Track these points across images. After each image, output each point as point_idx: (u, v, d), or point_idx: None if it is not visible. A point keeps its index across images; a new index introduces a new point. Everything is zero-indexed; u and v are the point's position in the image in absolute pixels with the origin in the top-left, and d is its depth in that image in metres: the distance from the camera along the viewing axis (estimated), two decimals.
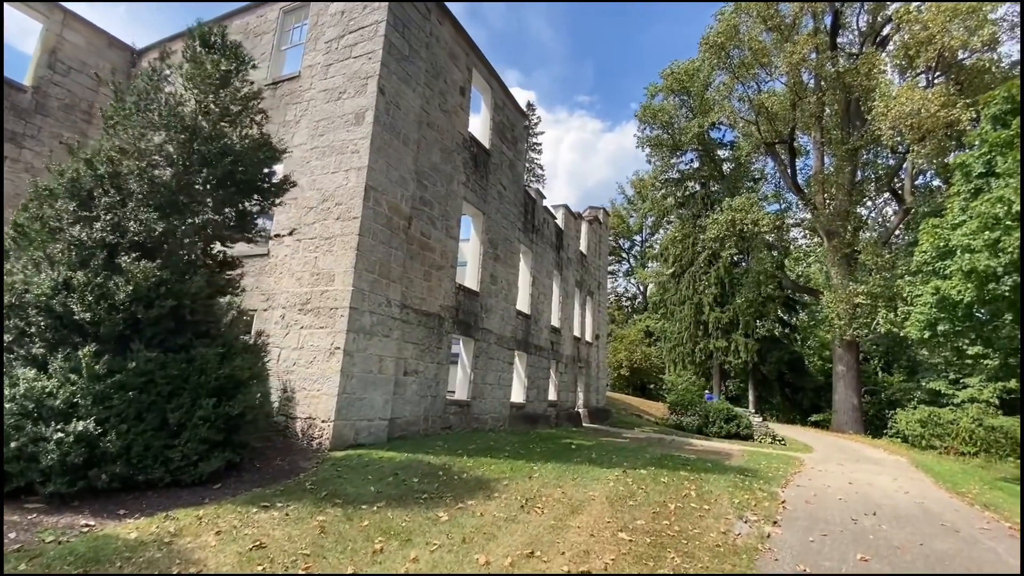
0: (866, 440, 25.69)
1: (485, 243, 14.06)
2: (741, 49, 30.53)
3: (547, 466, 8.82)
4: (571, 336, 20.94)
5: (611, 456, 10.95)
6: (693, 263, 39.86)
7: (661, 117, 33.42)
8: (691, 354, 38.98)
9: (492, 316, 14.25)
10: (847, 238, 30.06)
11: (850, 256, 30.48)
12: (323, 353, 8.88)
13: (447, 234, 12.18)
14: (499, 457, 9.19)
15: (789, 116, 30.76)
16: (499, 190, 14.87)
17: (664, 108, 34.20)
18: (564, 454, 10.50)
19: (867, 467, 14.83)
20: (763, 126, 32.01)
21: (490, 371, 14.03)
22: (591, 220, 25.31)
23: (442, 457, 8.52)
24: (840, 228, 30.24)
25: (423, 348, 11.12)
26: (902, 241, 35.66)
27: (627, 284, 59.63)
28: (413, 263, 10.93)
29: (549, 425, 17.67)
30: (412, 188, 10.85)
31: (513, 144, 16.01)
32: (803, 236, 40.36)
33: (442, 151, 12.13)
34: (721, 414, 23.56)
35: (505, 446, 10.62)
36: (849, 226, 30.45)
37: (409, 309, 10.71)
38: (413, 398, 10.75)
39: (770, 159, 37.23)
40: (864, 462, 16.31)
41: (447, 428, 11.96)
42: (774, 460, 14.32)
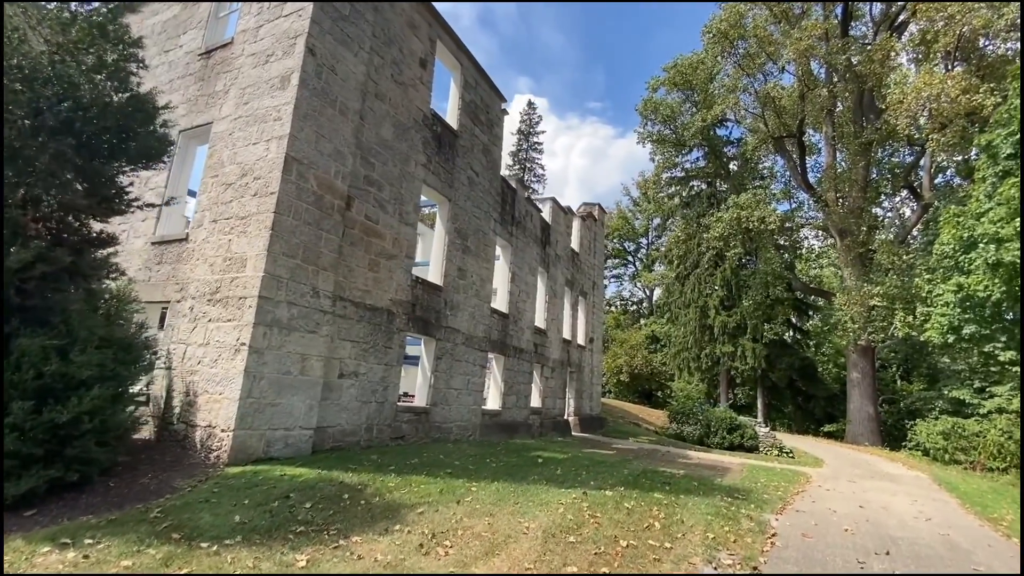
0: (883, 453, 23.78)
1: (451, 233, 12.72)
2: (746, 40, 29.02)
3: (491, 486, 7.39)
4: (559, 338, 19.48)
5: (580, 473, 9.47)
6: (699, 265, 38.14)
7: (663, 111, 31.91)
8: (697, 360, 37.18)
9: (459, 314, 12.88)
10: (861, 237, 28.22)
11: (864, 256, 28.64)
12: (228, 350, 7.57)
13: (401, 220, 10.86)
14: (437, 475, 7.79)
15: (798, 109, 29.10)
16: (469, 176, 13.54)
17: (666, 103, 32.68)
18: (523, 470, 9.06)
19: (883, 485, 13.15)
20: (770, 120, 30.37)
21: (456, 374, 12.63)
22: (585, 216, 23.88)
23: (364, 475, 7.15)
24: (854, 226, 28.42)
25: (366, 347, 9.77)
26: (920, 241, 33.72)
27: (632, 288, 57.94)
28: (354, 250, 9.62)
29: (530, 435, 16.20)
30: (352, 164, 9.56)
31: (488, 128, 14.69)
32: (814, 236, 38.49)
33: (395, 127, 10.84)
34: (724, 424, 21.87)
35: (455, 460, 9.21)
36: (863, 225, 28.61)
37: (347, 302, 9.38)
38: (351, 404, 9.40)
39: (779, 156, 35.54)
40: (880, 478, 14.61)
41: (399, 439, 10.58)
42: (776, 476, 12.72)
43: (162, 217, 9.89)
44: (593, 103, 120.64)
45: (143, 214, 10.09)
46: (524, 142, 46.67)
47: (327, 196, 8.85)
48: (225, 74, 9.75)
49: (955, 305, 11.37)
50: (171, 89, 10.74)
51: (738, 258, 35.57)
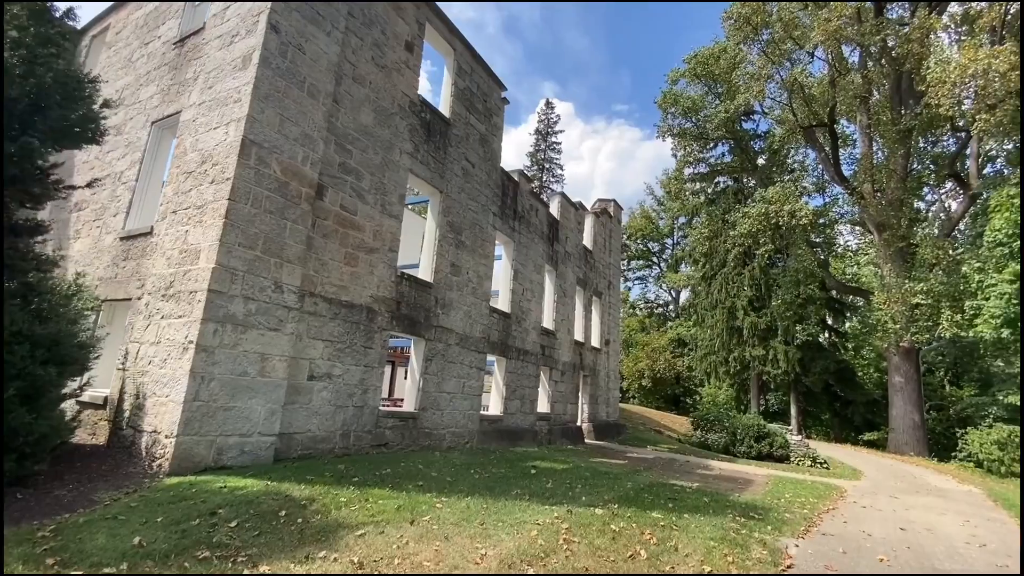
0: (930, 464, 21.80)
1: (443, 226, 11.95)
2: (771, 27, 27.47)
3: (461, 503, 6.52)
4: (570, 340, 18.47)
5: (574, 486, 8.50)
6: (725, 264, 36.43)
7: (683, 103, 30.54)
8: (724, 363, 35.43)
9: (453, 312, 12.08)
10: (901, 231, 26.23)
11: (905, 251, 26.62)
12: (177, 349, 6.95)
13: (383, 211, 10.15)
14: (404, 488, 6.96)
15: (828, 96, 27.37)
16: (464, 166, 12.77)
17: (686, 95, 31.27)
18: (508, 483, 8.15)
19: (929, 502, 11.68)
20: (799, 108, 28.68)
21: (449, 377, 11.82)
22: (599, 213, 22.82)
23: (318, 487, 6.38)
24: (893, 220, 26.44)
25: (341, 347, 9.05)
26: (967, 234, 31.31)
27: (658, 290, 56.19)
28: (327, 242, 8.93)
29: (536, 443, 15.24)
30: (324, 150, 8.89)
31: (487, 117, 13.91)
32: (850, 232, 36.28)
33: (376, 112, 10.16)
34: (751, 431, 20.39)
35: (434, 471, 8.36)
36: (903, 218, 26.60)
37: (318, 298, 8.69)
38: (323, 408, 8.68)
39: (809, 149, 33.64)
40: (926, 493, 13.09)
41: (381, 446, 9.82)
42: (804, 491, 11.44)
43: (132, 211, 9.44)
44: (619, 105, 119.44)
45: (115, 208, 9.68)
46: (542, 142, 45.82)
47: (293, 183, 8.19)
48: (195, 61, 9.26)
49: (1010, 297, 9.91)
50: (148, 80, 10.35)
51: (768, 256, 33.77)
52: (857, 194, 28.08)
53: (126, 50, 11.59)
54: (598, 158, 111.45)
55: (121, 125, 10.52)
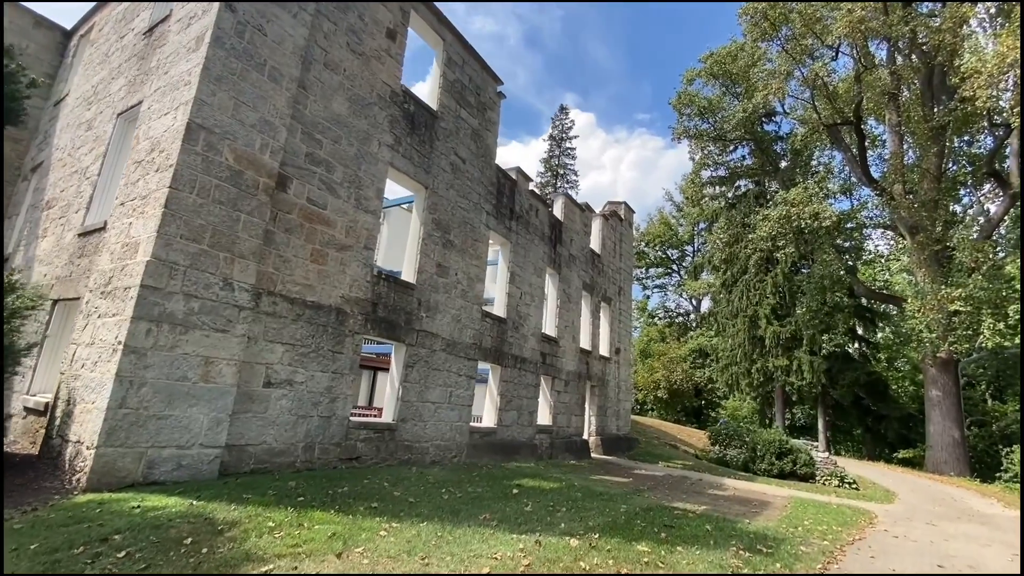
0: (972, 485, 20.01)
1: (429, 224, 11.21)
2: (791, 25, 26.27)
3: (412, 530, 5.65)
4: (574, 348, 17.49)
5: (557, 510, 7.55)
6: (746, 271, 34.94)
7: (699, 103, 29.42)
8: (747, 375, 33.80)
9: (439, 316, 11.29)
10: (936, 233, 24.53)
11: (941, 255, 24.89)
12: (107, 351, 6.30)
13: (357, 206, 9.46)
14: (354, 510, 6.13)
15: (853, 92, 25.96)
16: (453, 161, 12.05)
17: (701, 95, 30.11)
18: (479, 505, 7.25)
19: (971, 530, 10.34)
20: (822, 106, 27.30)
21: (434, 386, 11.00)
22: (608, 215, 21.86)
23: (251, 508, 5.61)
24: (927, 221, 24.78)
25: (305, 351, 8.33)
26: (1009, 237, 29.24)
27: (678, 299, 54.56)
28: (291, 238, 8.26)
29: (535, 457, 14.26)
30: (288, 139, 8.25)
31: (480, 111, 13.20)
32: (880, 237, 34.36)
33: (352, 101, 9.52)
34: (772, 447, 19.00)
35: (398, 490, 7.51)
36: (938, 219, 24.89)
37: (278, 297, 7.99)
38: (282, 418, 7.94)
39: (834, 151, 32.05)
40: (968, 520, 11.69)
41: (351, 460, 9.03)
42: (828, 516, 10.24)
43: (92, 207, 8.95)
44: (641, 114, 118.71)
45: (78, 204, 9.22)
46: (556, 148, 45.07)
47: (249, 173, 7.55)
48: (159, 49, 8.76)
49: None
50: (119, 73, 9.93)
51: (791, 262, 32.22)
52: (887, 195, 26.49)
53: (105, 45, 11.25)
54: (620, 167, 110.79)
55: (92, 120, 10.12)
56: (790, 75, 25.87)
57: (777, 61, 27.33)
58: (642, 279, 54.92)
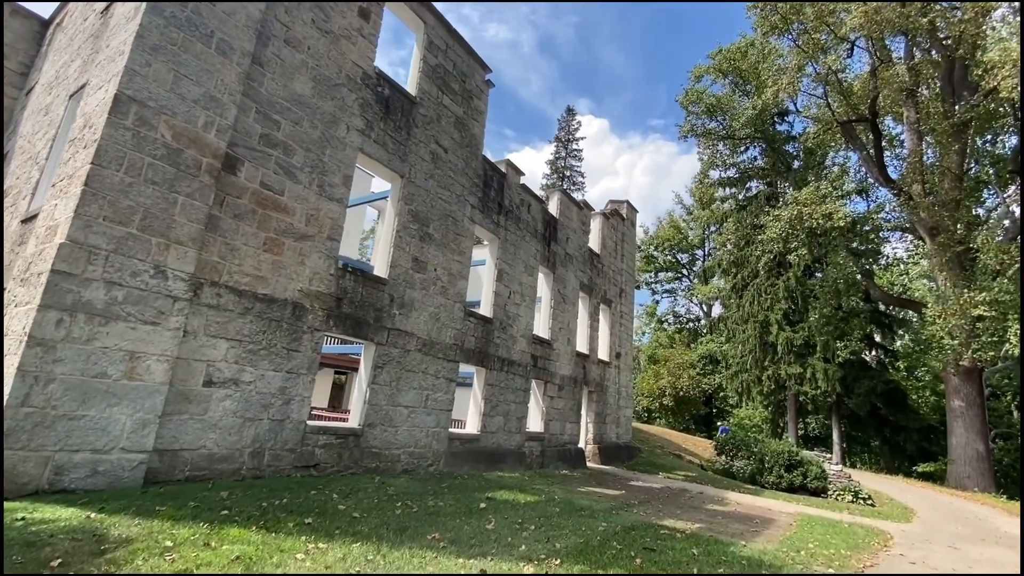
0: (998, 502, 18.69)
1: (404, 215, 10.52)
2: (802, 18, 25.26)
3: (337, 552, 4.89)
4: (570, 351, 16.65)
5: (526, 528, 6.74)
6: (757, 274, 33.77)
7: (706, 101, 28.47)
8: (757, 382, 32.56)
9: (415, 314, 10.56)
10: (957, 235, 23.26)
11: (963, 257, 23.59)
12: (15, 342, 5.67)
13: (321, 193, 8.80)
14: (280, 527, 5.39)
15: (868, 87, 24.85)
16: (434, 150, 11.36)
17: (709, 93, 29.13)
18: (433, 522, 6.46)
19: (999, 555, 9.30)
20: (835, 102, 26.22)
21: (407, 388, 10.26)
22: (609, 214, 21.02)
23: (157, 523, 4.90)
24: (948, 222, 23.53)
25: (255, 348, 7.65)
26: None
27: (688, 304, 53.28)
28: (240, 224, 7.61)
29: (523, 466, 13.43)
30: (239, 118, 7.62)
31: (465, 99, 12.51)
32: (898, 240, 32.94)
33: (316, 82, 8.88)
34: (780, 459, 17.93)
35: (347, 503, 6.75)
36: (960, 220, 23.61)
37: (223, 288, 7.33)
38: (226, 421, 7.25)
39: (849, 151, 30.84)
40: (994, 543, 10.62)
41: (308, 467, 8.31)
42: (838, 536, 9.29)
43: (37, 192, 8.40)
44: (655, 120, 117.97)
45: (26, 190, 8.69)
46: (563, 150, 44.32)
47: (190, 151, 6.91)
48: (108, 23, 8.21)
49: None
50: (77, 55, 9.40)
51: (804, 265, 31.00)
52: (905, 195, 25.28)
53: (71, 29, 10.79)
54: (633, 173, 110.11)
55: (50, 104, 9.63)
56: (802, 70, 24.86)
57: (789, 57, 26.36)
58: (651, 283, 53.80)
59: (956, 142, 24.38)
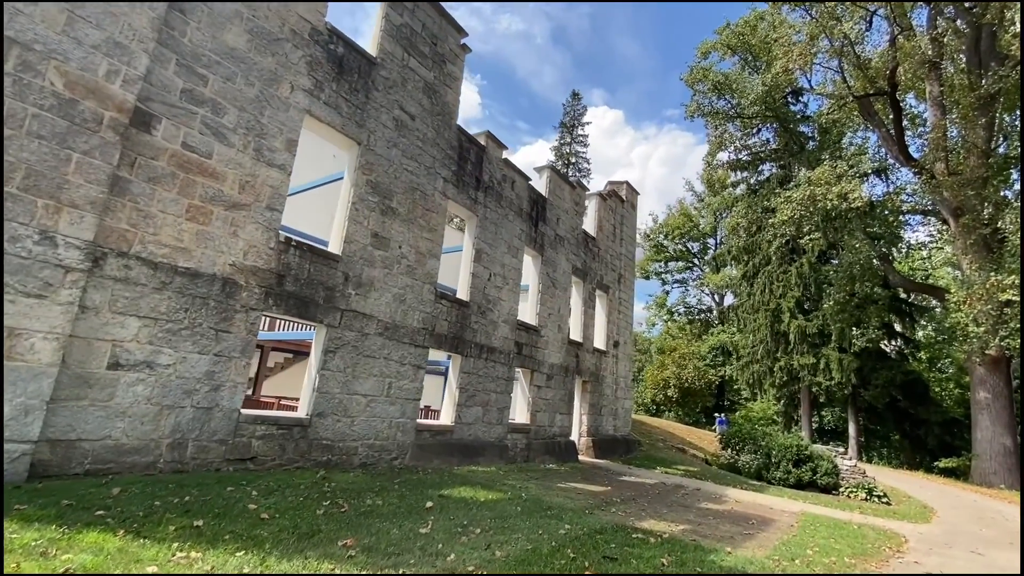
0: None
1: (362, 186, 9.62)
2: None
3: (207, 563, 4.04)
4: (560, 339, 15.67)
5: (470, 532, 5.84)
6: (769, 261, 32.34)
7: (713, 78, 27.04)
8: (769, 373, 31.24)
9: (375, 294, 9.68)
10: (983, 215, 21.70)
11: (989, 240, 22.02)
12: None
13: (258, 157, 7.93)
14: (159, 531, 4.55)
15: (887, 57, 23.26)
16: (398, 116, 10.43)
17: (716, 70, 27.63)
18: (355, 524, 5.59)
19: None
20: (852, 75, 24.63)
21: (366, 376, 9.40)
22: (607, 195, 19.91)
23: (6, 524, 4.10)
24: (974, 201, 21.96)
25: (175, 328, 6.83)
26: None
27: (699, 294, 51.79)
28: (156, 189, 6.77)
29: (505, 459, 12.54)
30: (154, 69, 6.77)
31: (437, 63, 11.55)
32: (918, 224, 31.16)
33: (253, 35, 8.00)
34: (788, 453, 16.79)
35: (267, 501, 5.92)
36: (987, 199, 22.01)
37: (133, 260, 6.51)
38: (137, 408, 6.45)
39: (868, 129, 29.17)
40: None
41: (245, 460, 7.50)
42: (844, 539, 8.26)
43: None
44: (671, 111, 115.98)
45: None
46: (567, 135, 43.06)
47: (88, 103, 6.07)
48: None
49: None
50: None
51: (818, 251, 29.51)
52: (927, 174, 23.70)
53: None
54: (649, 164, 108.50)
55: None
56: (815, 40, 23.33)
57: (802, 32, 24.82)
58: (661, 273, 52.41)
59: (982, 116, 22.72)
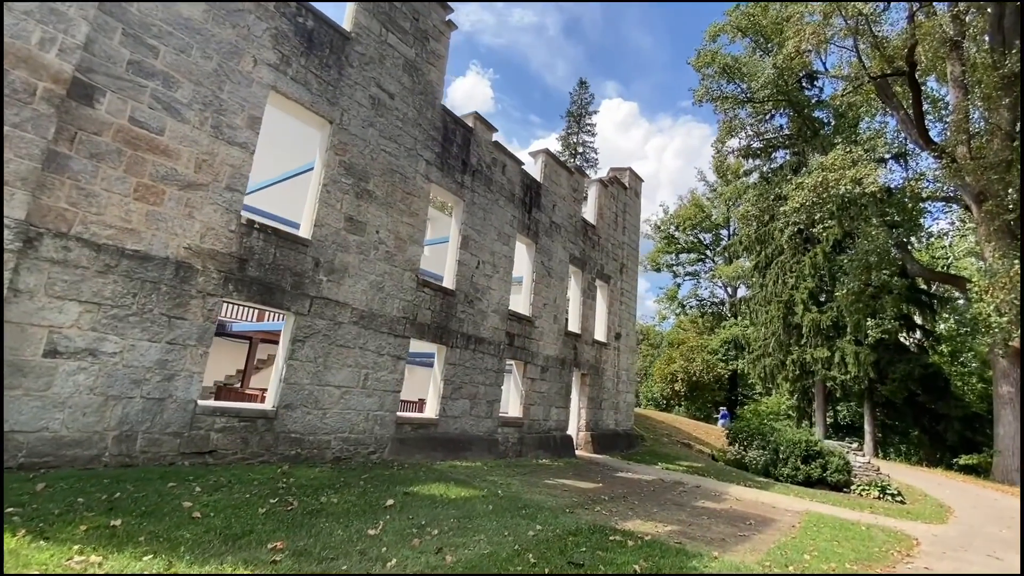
0: None
1: (335, 167, 9.14)
2: None
3: (109, 565, 3.61)
4: (557, 330, 15.11)
5: (429, 532, 5.36)
6: (782, 251, 31.34)
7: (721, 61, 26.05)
8: (781, 367, 30.31)
9: (348, 280, 9.23)
10: (1008, 200, 20.57)
11: (1014, 226, 20.90)
12: None
13: (216, 135, 7.49)
14: (54, 535, 4.14)
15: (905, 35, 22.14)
16: (375, 95, 9.92)
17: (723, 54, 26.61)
18: (297, 525, 5.13)
19: None
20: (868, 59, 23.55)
21: (340, 366, 8.96)
22: (608, 182, 19.24)
23: None
24: (998, 186, 20.84)
25: (122, 314, 6.43)
26: None
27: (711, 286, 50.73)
28: (100, 166, 6.36)
29: (494, 454, 12.06)
30: (96, 39, 6.34)
31: (419, 40, 11.01)
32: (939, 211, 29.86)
33: (210, 4, 7.54)
34: (797, 449, 16.06)
35: (192, 500, 5.49)
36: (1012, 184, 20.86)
37: (73, 241, 6.12)
38: (80, 399, 6.07)
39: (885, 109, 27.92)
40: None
41: (203, 454, 7.11)
42: (848, 543, 7.65)
43: None
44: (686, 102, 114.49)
45: None
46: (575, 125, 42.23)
47: (18, 73, 5.66)
48: None
49: None
50: None
51: (833, 240, 28.47)
52: (948, 158, 22.57)
53: None
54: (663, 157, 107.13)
55: None
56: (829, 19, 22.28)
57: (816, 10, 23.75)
58: (672, 266, 51.42)
59: (1006, 96, 21.50)
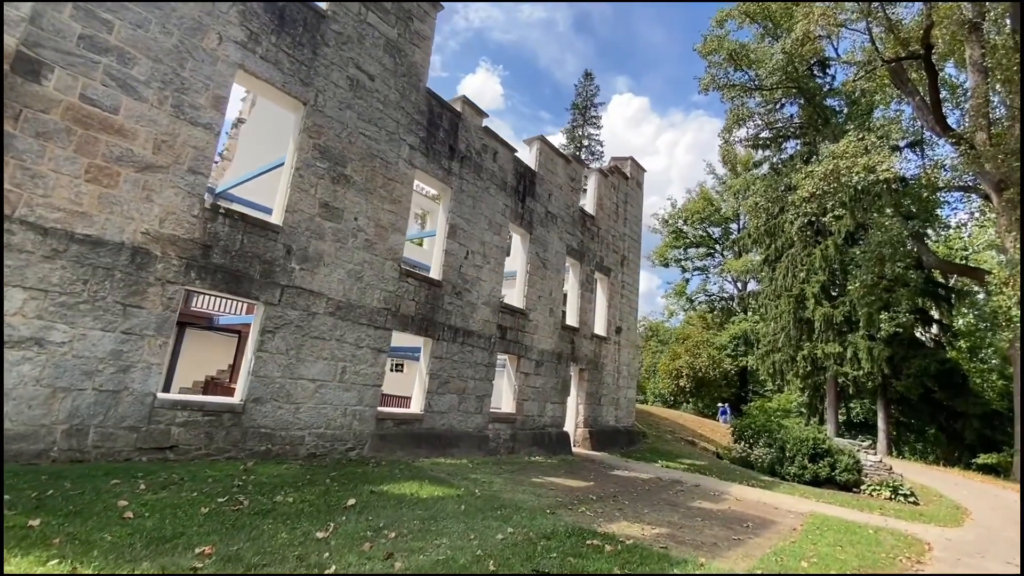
0: None
1: (308, 150, 8.75)
2: None
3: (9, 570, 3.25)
4: (552, 323, 14.64)
5: (383, 536, 4.96)
6: (792, 244, 30.50)
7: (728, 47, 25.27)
8: (791, 363, 29.53)
9: (323, 269, 8.84)
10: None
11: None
12: None
13: (178, 114, 7.13)
14: None
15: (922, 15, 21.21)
16: (353, 75, 9.50)
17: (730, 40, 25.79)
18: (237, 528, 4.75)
19: None
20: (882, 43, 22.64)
21: (314, 359, 8.59)
22: (608, 171, 18.68)
23: None
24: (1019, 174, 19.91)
25: (71, 301, 6.10)
26: None
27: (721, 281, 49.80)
28: (47, 146, 6.03)
29: (484, 451, 11.64)
30: (36, 9, 6.00)
31: (402, 20, 10.57)
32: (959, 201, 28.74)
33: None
34: (804, 448, 15.45)
35: (127, 500, 5.13)
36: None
37: (17, 224, 5.79)
38: (26, 391, 5.76)
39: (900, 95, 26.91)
40: None
41: (163, 450, 6.77)
42: (852, 548, 7.15)
43: None
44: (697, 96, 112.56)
45: None
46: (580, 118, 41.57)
47: None
48: None
49: None
50: None
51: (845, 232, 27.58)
52: (966, 145, 21.64)
53: None
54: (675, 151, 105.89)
55: None
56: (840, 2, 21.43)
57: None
58: (681, 260, 50.55)
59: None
